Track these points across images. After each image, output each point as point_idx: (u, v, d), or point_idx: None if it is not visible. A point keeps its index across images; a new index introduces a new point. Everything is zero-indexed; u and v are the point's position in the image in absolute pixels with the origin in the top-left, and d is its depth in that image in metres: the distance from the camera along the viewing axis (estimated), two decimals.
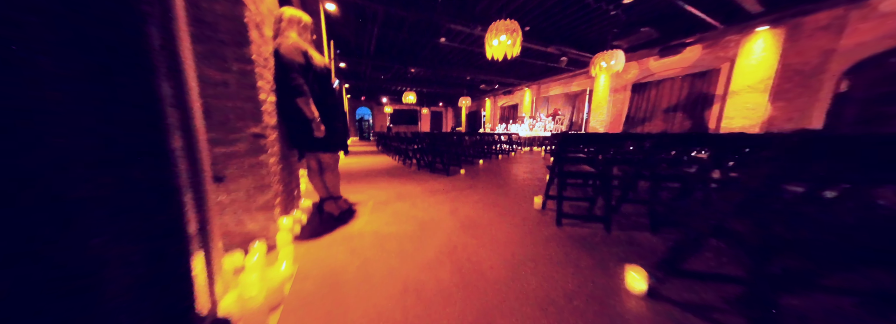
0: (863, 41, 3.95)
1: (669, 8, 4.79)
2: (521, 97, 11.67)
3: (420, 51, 7.21)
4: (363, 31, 5.63)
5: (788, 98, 4.65)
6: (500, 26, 3.49)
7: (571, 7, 4.71)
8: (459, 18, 4.76)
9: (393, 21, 5.30)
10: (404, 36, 5.88)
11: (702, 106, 5.87)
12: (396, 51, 7.13)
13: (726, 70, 5.40)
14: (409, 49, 7.15)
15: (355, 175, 3.28)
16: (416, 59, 7.78)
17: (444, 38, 6.06)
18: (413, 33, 5.81)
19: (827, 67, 4.26)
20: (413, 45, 6.81)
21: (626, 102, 7.43)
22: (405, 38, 6.07)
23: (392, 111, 16.31)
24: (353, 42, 6.34)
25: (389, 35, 6.02)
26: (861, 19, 3.95)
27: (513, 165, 4.32)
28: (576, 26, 5.63)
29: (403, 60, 7.52)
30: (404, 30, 5.59)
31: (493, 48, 3.67)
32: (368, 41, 5.87)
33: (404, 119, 18.01)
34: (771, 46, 4.66)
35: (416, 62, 7.84)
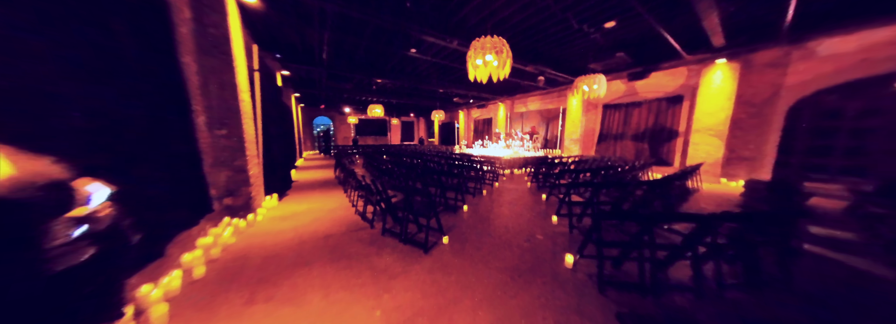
0: (804, 80, 4.32)
1: (644, 35, 4.79)
2: (495, 111, 11.44)
3: (387, 61, 6.27)
4: (309, 34, 4.50)
5: (744, 128, 4.94)
6: (485, 44, 2.80)
7: (555, 27, 4.35)
8: (432, 29, 4.01)
9: (350, 25, 4.31)
10: (366, 43, 4.91)
11: (668, 131, 6.08)
12: (358, 60, 6.07)
13: (689, 97, 5.66)
14: (373, 59, 6.15)
15: (282, 260, 1.95)
16: (383, 71, 6.80)
17: (415, 49, 5.26)
18: (377, 41, 4.88)
19: (776, 102, 4.61)
20: (378, 54, 5.85)
21: (598, 121, 7.53)
22: (367, 46, 5.09)
23: (357, 121, 14.74)
24: (299, 46, 5.11)
25: (347, 41, 4.99)
26: (801, 60, 4.33)
27: (506, 207, 3.62)
28: (555, 46, 5.36)
29: (367, 71, 6.47)
30: (365, 36, 4.62)
31: (478, 69, 2.97)
32: (319, 46, 4.74)
33: (372, 130, 16.48)
34: (728, 78, 4.93)
35: (384, 74, 6.85)
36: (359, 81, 7.91)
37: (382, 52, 5.69)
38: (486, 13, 3.83)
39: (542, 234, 2.44)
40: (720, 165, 5.16)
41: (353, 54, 5.78)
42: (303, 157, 10.47)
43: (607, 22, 4.14)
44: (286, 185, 4.48)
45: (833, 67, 4.04)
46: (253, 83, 3.32)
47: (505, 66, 2.93)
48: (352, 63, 6.14)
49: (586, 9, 3.76)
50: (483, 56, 2.84)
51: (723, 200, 3.84)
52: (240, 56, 2.78)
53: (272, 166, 3.81)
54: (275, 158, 3.93)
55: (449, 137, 15.95)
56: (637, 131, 6.67)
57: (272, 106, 4.17)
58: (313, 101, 11.34)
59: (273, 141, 3.95)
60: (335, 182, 5.27)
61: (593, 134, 7.66)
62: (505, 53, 2.82)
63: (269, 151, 3.68)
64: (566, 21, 4.12)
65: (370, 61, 6.32)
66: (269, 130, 3.83)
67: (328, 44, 4.58)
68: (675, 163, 6.03)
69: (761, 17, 3.95)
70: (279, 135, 4.43)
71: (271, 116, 3.98)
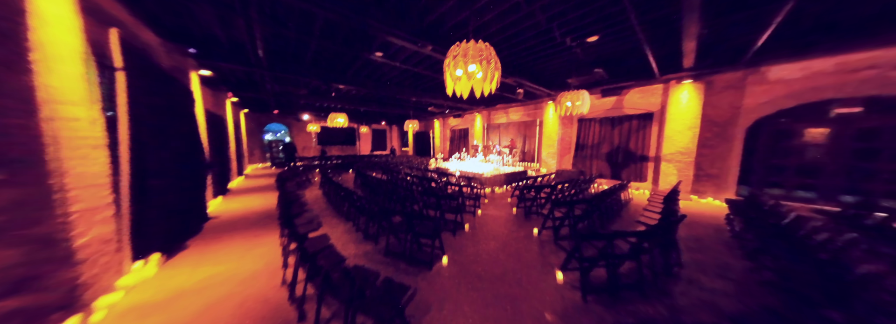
0: (760, 102, 4.59)
1: (621, 53, 4.71)
2: (471, 121, 11.03)
3: (349, 65, 5.32)
4: (235, 25, 3.41)
5: (710, 145, 5.12)
6: (468, 50, 2.14)
7: (537, 38, 3.96)
8: (399, 29, 3.26)
9: (289, 16, 3.34)
10: (317, 42, 3.95)
11: (640, 147, 6.17)
12: (310, 61, 5.01)
13: (659, 115, 5.81)
14: (329, 61, 5.15)
15: None
16: (344, 76, 5.80)
17: (382, 53, 4.45)
18: (331, 40, 3.95)
19: (736, 122, 4.84)
20: (335, 56, 4.89)
21: (574, 135, 7.50)
22: (320, 45, 4.13)
23: (320, 129, 13.03)
24: (223, 40, 3.91)
25: (290, 38, 3.97)
26: (756, 83, 4.61)
27: (495, 256, 2.93)
28: (536, 59, 5.04)
29: (323, 75, 5.41)
30: (314, 33, 3.67)
31: (458, 82, 2.28)
32: (251, 42, 3.64)
33: (338, 138, 14.75)
34: (694, 98, 5.10)
35: (345, 79, 5.85)
36: (315, 86, 6.74)
37: (340, 54, 4.75)
38: (465, 15, 3.23)
39: (550, 312, 1.77)
40: (691, 182, 5.27)
41: (301, 54, 4.72)
42: (244, 174, 8.59)
43: (591, 36, 3.89)
44: (188, 230, 3.17)
45: (783, 92, 4.32)
46: (113, 89, 2.15)
47: (493, 80, 2.30)
48: (302, 65, 5.04)
49: (573, 20, 3.41)
50: (464, 66, 2.17)
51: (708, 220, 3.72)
52: (61, 44, 1.66)
53: (163, 207, 2.57)
54: (167, 193, 2.68)
55: (424, 148, 15.08)
56: (611, 146, 6.71)
57: (169, 118, 2.93)
58: (261, 105, 9.61)
59: (166, 167, 2.71)
60: (276, 214, 4.05)
61: (570, 147, 7.60)
62: (493, 64, 2.19)
63: (150, 186, 2.46)
64: (550, 32, 3.76)
65: (327, 64, 5.30)
66: (159, 153, 2.60)
67: (263, 39, 3.52)
68: (647, 179, 6.11)
69: (731, 41, 4.06)
70: (182, 155, 3.15)
71: (164, 133, 2.75)
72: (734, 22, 3.43)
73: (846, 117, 3.96)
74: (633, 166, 6.33)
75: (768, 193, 4.61)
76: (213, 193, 4.76)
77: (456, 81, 2.24)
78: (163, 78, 2.91)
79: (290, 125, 12.92)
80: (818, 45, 3.79)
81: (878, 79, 3.58)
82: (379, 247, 2.81)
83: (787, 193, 4.49)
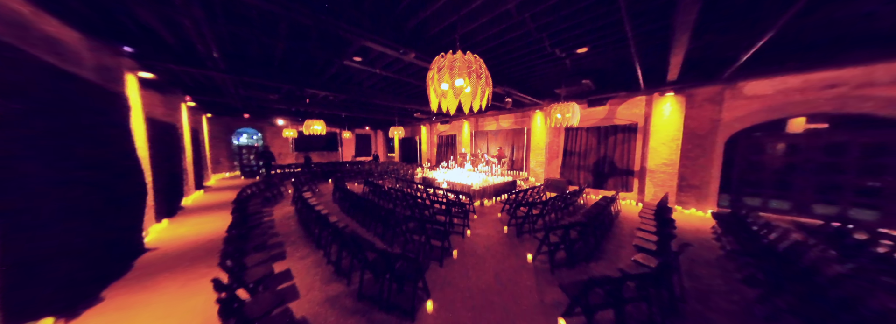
0: (737, 116, 4.74)
1: (609, 65, 4.68)
2: (459, 128, 10.81)
3: (324, 70, 4.85)
4: (181, 22, 2.88)
5: (691, 157, 5.22)
6: (455, 62, 1.83)
7: (527, 47, 3.79)
8: (378, 34, 2.92)
9: (251, 17, 2.88)
10: (284, 44, 3.48)
11: (626, 157, 6.22)
12: (278, 65, 4.49)
13: (643, 125, 5.89)
14: (302, 65, 4.66)
15: None
16: (320, 81, 5.31)
17: (360, 58, 4.06)
18: (301, 43, 3.51)
19: (716, 135, 4.97)
20: (308, 60, 4.42)
21: (561, 143, 7.47)
22: (287, 48, 3.66)
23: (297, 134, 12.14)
24: (169, 39, 3.33)
25: (254, 40, 3.48)
26: (733, 98, 4.77)
27: (489, 298, 2.61)
28: (525, 69, 4.89)
29: (294, 79, 4.90)
30: (280, 35, 3.22)
31: (444, 97, 1.97)
32: (203, 42, 3.11)
33: (318, 144, 13.86)
34: (676, 110, 5.19)
35: (321, 84, 5.36)
36: (288, 91, 6.16)
37: (313, 58, 4.29)
38: (451, 22, 2.95)
39: None
40: (675, 193, 5.33)
41: (268, 57, 4.20)
42: (204, 187, 7.62)
43: (580, 48, 3.78)
44: (106, 273, 2.53)
45: (758, 107, 4.48)
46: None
47: (483, 97, 2.01)
48: (269, 68, 4.51)
49: (563, 30, 3.25)
50: (450, 79, 1.86)
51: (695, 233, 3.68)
52: None
53: (61, 249, 1.98)
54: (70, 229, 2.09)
55: (410, 154, 14.60)
56: (597, 156, 6.73)
57: (80, 131, 2.34)
58: (227, 109, 8.73)
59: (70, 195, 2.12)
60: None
61: (558, 155, 7.56)
62: (483, 79, 1.90)
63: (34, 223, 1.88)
64: (540, 42, 3.59)
65: (300, 68, 4.80)
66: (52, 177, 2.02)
67: (216, 40, 3.01)
68: (633, 189, 6.15)
69: (714, 57, 4.12)
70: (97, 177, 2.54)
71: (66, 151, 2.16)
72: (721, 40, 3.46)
73: (815, 133, 4.15)
74: (620, 176, 6.36)
75: (747, 205, 4.75)
76: (157, 216, 4.04)
77: (441, 96, 1.92)
78: (68, 81, 2.32)
79: (263, 130, 11.93)
80: (788, 63, 3.95)
81: (842, 97, 3.77)
82: (352, 288, 2.38)
83: (764, 204, 4.63)
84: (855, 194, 3.84)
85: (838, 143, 3.94)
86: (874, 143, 3.68)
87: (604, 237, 3.68)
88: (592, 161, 6.83)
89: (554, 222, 4.43)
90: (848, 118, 3.83)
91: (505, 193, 6.49)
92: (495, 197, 6.16)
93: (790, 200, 4.35)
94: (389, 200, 5.32)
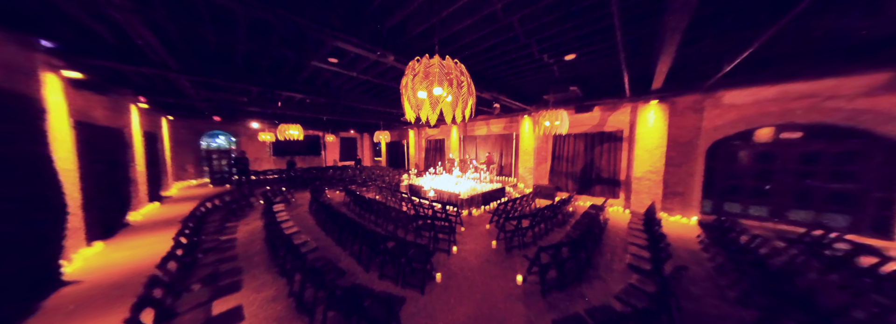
0: (716, 125, 4.83)
1: (595, 72, 4.63)
2: (448, 132, 10.57)
3: (297, 71, 4.44)
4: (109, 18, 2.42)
5: (675, 164, 5.28)
6: (432, 68, 1.57)
7: (516, 53, 3.61)
8: (351, 34, 2.61)
9: (199, 10, 2.48)
10: (245, 44, 3.08)
11: (613, 164, 6.23)
12: (242, 65, 4.04)
13: (629, 132, 5.92)
14: (271, 66, 4.23)
15: None
16: (293, 83, 4.88)
17: (337, 59, 3.72)
18: (264, 42, 3.11)
19: (697, 143, 5.05)
20: (278, 61, 4.01)
21: (549, 150, 7.42)
22: (248, 46, 3.25)
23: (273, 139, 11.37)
24: (104, 33, 2.83)
25: (209, 37, 3.04)
26: (713, 107, 4.86)
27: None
28: (514, 74, 4.74)
29: (263, 81, 4.44)
30: (240, 34, 2.82)
31: (420, 106, 1.70)
32: (143, 38, 2.65)
33: (299, 148, 13.08)
34: (660, 118, 5.24)
35: (295, 86, 4.93)
36: (259, 93, 5.64)
37: (283, 59, 3.89)
38: (432, 23, 2.70)
39: None
40: (660, 199, 5.35)
41: (228, 57, 3.75)
42: (160, 199, 6.76)
43: (568, 54, 3.66)
44: None
45: (736, 116, 4.58)
46: None
47: (466, 106, 1.76)
48: (231, 68, 4.04)
49: (552, 36, 3.10)
50: (427, 87, 1.60)
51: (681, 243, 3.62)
52: None
53: None
54: None
55: (398, 158, 14.16)
56: (585, 162, 6.72)
57: None
58: (192, 111, 7.97)
59: None
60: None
61: (546, 161, 7.50)
62: (465, 87, 1.65)
63: None
64: (528, 47, 3.43)
65: (269, 69, 4.36)
66: None
67: (156, 34, 2.57)
68: (620, 195, 6.15)
69: (698, 66, 4.15)
70: None
71: None
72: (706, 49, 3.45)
73: (790, 142, 4.28)
74: (607, 183, 6.36)
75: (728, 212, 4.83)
76: (89, 238, 3.43)
77: (417, 107, 1.65)
78: None
79: (237, 133, 11.08)
80: (763, 73, 4.05)
81: (815, 108, 3.90)
82: None
83: (744, 210, 4.72)
84: (827, 201, 3.96)
85: (812, 152, 4.07)
86: (845, 152, 3.82)
87: (595, 250, 3.53)
88: (580, 168, 6.80)
89: (544, 233, 4.26)
90: (820, 128, 3.97)
91: (494, 201, 6.30)
92: (484, 206, 5.94)
93: (768, 205, 4.45)
94: (372, 211, 4.94)
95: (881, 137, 3.52)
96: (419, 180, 7.42)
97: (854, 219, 3.76)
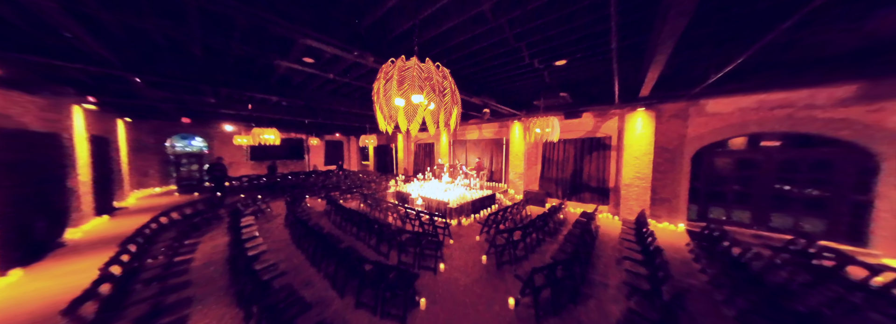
0: (700, 132, 4.90)
1: (584, 79, 4.57)
2: (437, 136, 10.33)
3: (268, 72, 4.06)
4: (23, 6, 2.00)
5: (662, 171, 5.31)
6: (409, 70, 1.33)
7: (506, 56, 3.45)
8: (324, 33, 2.33)
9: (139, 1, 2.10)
10: (200, 40, 2.70)
11: (601, 170, 6.23)
12: (201, 63, 3.61)
13: (616, 138, 5.94)
14: (237, 65, 3.83)
15: None
16: (267, 84, 4.48)
17: (312, 59, 3.39)
18: (224, 38, 2.75)
19: (683, 149, 5.10)
20: (244, 60, 3.62)
21: (539, 155, 7.36)
22: (205, 43, 2.87)
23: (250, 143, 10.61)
24: (14, 20, 2.36)
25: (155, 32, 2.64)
26: (697, 115, 4.93)
27: None
28: (503, 79, 4.59)
29: (225, 80, 4.01)
30: (194, 28, 2.45)
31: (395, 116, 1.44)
32: (69, 29, 2.22)
33: (279, 152, 12.29)
34: (647, 125, 5.27)
35: (269, 88, 4.52)
36: (228, 94, 5.16)
37: (249, 58, 3.51)
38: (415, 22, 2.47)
39: None
40: (648, 206, 5.36)
41: (184, 54, 3.32)
42: (111, 212, 5.90)
43: (559, 60, 3.55)
44: None
45: (719, 124, 4.66)
46: None
47: (451, 115, 1.52)
48: (191, 68, 3.60)
49: (543, 40, 2.96)
50: (403, 93, 1.34)
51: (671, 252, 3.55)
52: None
53: None
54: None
55: (386, 163, 13.71)
56: (574, 168, 6.68)
57: None
58: (153, 113, 7.24)
59: None
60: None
61: (536, 166, 7.42)
62: (448, 95, 1.41)
63: None
64: (519, 51, 3.28)
65: (235, 69, 3.94)
66: None
67: (88, 27, 2.16)
68: (610, 202, 6.13)
69: (687, 74, 4.17)
70: None
71: None
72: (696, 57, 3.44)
73: (770, 150, 4.39)
74: (596, 189, 6.34)
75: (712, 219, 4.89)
76: (4, 264, 2.85)
77: (390, 118, 1.39)
78: None
79: (210, 136, 10.27)
80: (744, 83, 4.13)
81: (792, 117, 4.01)
82: None
83: (728, 215, 4.78)
84: (805, 207, 4.06)
85: (790, 159, 4.18)
86: (820, 160, 3.94)
87: (588, 262, 3.38)
88: (570, 173, 6.76)
89: (536, 245, 4.09)
90: (797, 137, 4.08)
91: (484, 209, 6.09)
92: (474, 214, 5.71)
93: (750, 211, 4.53)
94: (354, 223, 4.57)
95: (853, 146, 3.64)
96: (407, 187, 7.11)
97: (831, 225, 3.86)
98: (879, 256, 3.43)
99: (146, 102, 5.05)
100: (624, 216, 5.60)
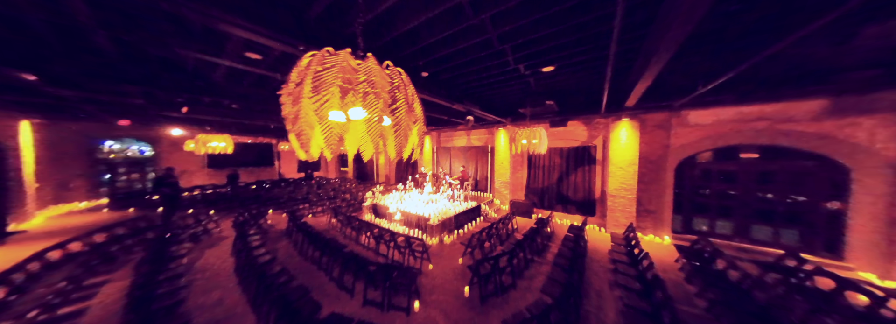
0: (683, 143, 4.88)
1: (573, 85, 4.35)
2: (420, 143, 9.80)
3: (209, 71, 3.37)
4: None
5: (646, 182, 5.22)
6: (343, 63, 0.83)
7: (491, 60, 3.09)
8: (257, 23, 1.79)
9: None
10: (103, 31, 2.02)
11: (589, 176, 6.08)
12: (113, 59, 2.87)
13: (602, 148, 5.82)
14: (160, 62, 3.11)
15: None
16: (205, 83, 3.75)
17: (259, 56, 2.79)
18: (119, 28, 2.09)
19: (666, 160, 5.06)
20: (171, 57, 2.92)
21: (525, 162, 7.12)
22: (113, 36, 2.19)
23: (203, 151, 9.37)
24: None
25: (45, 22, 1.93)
26: (679, 125, 4.91)
27: None
28: (487, 85, 4.24)
29: (144, 78, 3.26)
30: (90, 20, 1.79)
31: (327, 131, 0.94)
32: None
33: (243, 159, 10.81)
34: (632, 135, 5.18)
35: (208, 89, 3.79)
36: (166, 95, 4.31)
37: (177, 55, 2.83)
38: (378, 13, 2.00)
39: None
40: (634, 218, 5.23)
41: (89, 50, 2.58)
42: (3, 238, 4.75)
43: (547, 66, 3.26)
44: None
45: (700, 135, 4.64)
46: None
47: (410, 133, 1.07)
48: (98, 63, 2.83)
49: (529, 43, 2.63)
50: (329, 99, 0.86)
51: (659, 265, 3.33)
52: None
53: None
54: None
55: (366, 170, 12.86)
56: (561, 179, 6.50)
57: None
58: (74, 113, 6.03)
59: None
60: None
61: (522, 174, 7.16)
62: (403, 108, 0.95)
63: None
64: (504, 55, 2.93)
65: (161, 65, 3.21)
66: None
67: None
68: (596, 213, 5.97)
69: (674, 84, 4.06)
70: None
71: None
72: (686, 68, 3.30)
73: (749, 162, 4.41)
74: (583, 199, 6.17)
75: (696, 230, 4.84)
76: None
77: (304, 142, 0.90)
78: None
79: (156, 141, 8.90)
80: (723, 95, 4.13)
81: (769, 130, 4.04)
82: None
83: (711, 226, 4.74)
84: (784, 219, 4.08)
85: (768, 171, 4.21)
86: (797, 172, 3.98)
87: (580, 285, 3.02)
88: (556, 184, 6.56)
89: (524, 267, 3.70)
90: (775, 149, 4.12)
91: (469, 223, 5.65)
92: (457, 230, 5.24)
93: (732, 222, 4.51)
94: (317, 247, 3.90)
95: (827, 159, 3.70)
96: (385, 199, 6.48)
97: (809, 237, 3.88)
98: (855, 269, 3.46)
99: (51, 100, 4.07)
100: (611, 229, 5.43)
